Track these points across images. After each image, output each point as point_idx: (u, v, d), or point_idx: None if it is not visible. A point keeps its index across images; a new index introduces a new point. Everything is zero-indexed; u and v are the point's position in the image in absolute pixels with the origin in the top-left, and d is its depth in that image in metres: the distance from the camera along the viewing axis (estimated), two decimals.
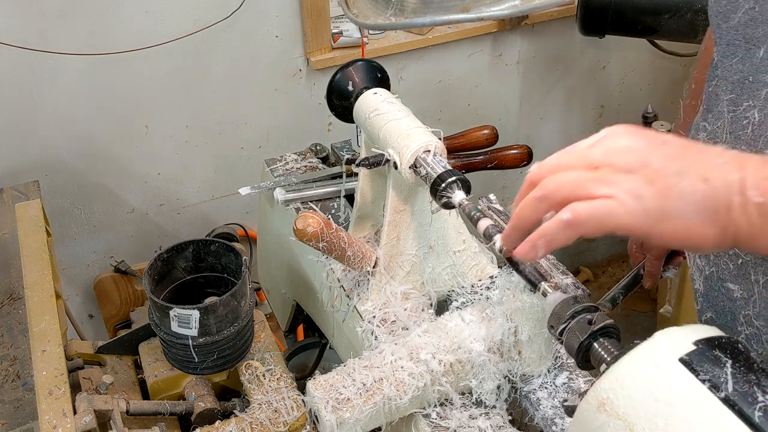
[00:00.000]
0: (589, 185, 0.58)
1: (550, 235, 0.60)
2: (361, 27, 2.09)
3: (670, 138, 0.60)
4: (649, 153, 0.58)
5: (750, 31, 0.72)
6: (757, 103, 0.72)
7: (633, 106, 2.84)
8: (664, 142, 0.59)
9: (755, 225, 0.55)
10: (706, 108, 0.81)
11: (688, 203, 0.57)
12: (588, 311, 0.67)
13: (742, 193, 0.55)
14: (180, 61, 2.07)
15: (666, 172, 0.57)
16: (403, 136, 0.96)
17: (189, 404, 1.06)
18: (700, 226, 0.57)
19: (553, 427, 0.90)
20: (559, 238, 0.60)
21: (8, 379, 1.08)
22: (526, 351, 0.89)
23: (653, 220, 0.57)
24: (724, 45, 0.76)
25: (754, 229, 0.55)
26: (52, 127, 2.00)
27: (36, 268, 1.19)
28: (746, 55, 0.73)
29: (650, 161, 0.58)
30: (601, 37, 1.91)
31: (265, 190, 1.37)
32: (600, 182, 0.58)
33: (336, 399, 0.86)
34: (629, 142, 0.59)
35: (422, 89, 2.49)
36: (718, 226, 0.56)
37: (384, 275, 1.06)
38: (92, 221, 2.21)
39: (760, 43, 0.71)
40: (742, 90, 0.74)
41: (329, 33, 2.23)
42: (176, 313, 0.99)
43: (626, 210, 0.57)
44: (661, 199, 0.57)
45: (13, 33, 1.82)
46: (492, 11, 1.24)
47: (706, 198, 0.56)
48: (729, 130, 0.76)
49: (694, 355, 0.53)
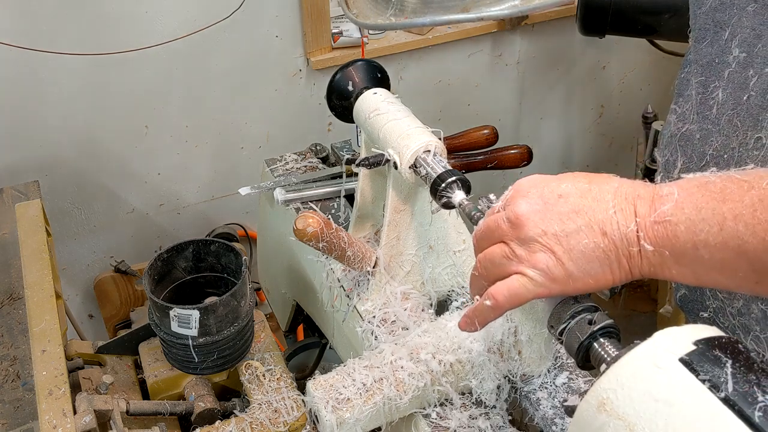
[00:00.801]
0: (501, 264, 0.64)
1: (482, 316, 0.68)
2: (361, 27, 2.09)
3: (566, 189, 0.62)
4: (546, 217, 0.61)
5: (719, 15, 0.76)
6: (721, 84, 0.75)
7: (633, 106, 2.84)
8: (560, 197, 0.62)
9: (655, 265, 0.58)
10: (677, 93, 0.85)
11: (591, 260, 0.60)
12: (588, 311, 0.67)
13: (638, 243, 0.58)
14: (180, 61, 2.07)
15: (564, 234, 0.60)
16: (403, 136, 0.96)
17: (189, 404, 1.06)
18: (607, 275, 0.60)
19: (553, 427, 0.90)
20: (491, 316, 0.67)
21: (8, 379, 1.08)
22: (526, 351, 0.89)
23: (562, 284, 0.61)
24: (698, 30, 0.79)
25: (655, 269, 0.59)
26: (52, 127, 2.00)
27: (36, 268, 1.19)
28: (714, 38, 0.76)
29: (548, 226, 0.61)
30: (601, 37, 1.91)
31: (265, 190, 1.37)
32: (510, 260, 0.64)
33: (336, 399, 0.86)
34: (524, 207, 0.63)
35: (422, 89, 2.49)
36: (623, 271, 0.60)
37: (384, 275, 1.06)
38: (92, 221, 2.21)
39: (726, 25, 0.75)
40: (710, 72, 0.77)
41: (329, 33, 2.23)
42: (176, 313, 0.99)
43: (535, 284, 0.62)
44: (566, 263, 0.60)
45: (13, 33, 1.82)
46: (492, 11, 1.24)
47: (607, 252, 0.59)
48: (697, 111, 0.79)
49: (694, 355, 0.53)
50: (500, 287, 0.64)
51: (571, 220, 0.60)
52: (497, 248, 0.65)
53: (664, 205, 0.57)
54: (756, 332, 0.75)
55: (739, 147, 0.73)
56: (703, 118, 0.78)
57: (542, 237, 0.61)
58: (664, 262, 0.58)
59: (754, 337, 0.76)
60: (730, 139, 0.74)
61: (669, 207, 0.57)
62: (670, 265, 0.57)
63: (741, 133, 0.73)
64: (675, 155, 0.83)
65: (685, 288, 0.86)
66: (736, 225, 0.53)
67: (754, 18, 0.71)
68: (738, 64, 0.73)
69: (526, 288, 0.63)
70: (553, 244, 0.61)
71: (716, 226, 0.54)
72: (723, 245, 0.54)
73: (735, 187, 0.54)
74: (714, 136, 0.77)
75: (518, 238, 0.63)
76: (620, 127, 2.96)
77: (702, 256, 0.55)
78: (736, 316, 0.78)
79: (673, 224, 0.56)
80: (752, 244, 0.52)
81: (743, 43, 0.72)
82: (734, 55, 0.73)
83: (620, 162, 3.01)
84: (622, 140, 2.98)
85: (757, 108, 0.70)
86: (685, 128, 0.82)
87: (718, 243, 0.54)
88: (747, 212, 0.52)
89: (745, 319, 0.77)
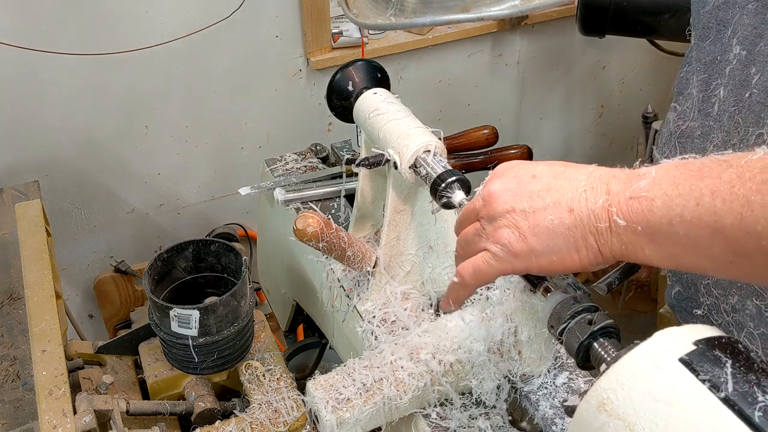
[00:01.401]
0: (473, 241, 0.65)
1: (454, 294, 0.69)
2: (361, 27, 2.09)
3: (541, 170, 0.63)
4: (516, 194, 0.62)
5: (722, 13, 0.76)
6: (722, 81, 0.76)
7: (633, 106, 2.84)
8: (534, 177, 0.62)
9: (628, 243, 0.57)
10: (677, 91, 0.85)
11: (556, 237, 0.59)
12: (588, 311, 0.67)
13: (608, 218, 0.57)
14: (180, 61, 2.07)
15: (533, 210, 0.60)
16: (403, 136, 0.96)
17: (189, 404, 1.06)
18: (573, 253, 0.60)
19: (553, 427, 0.90)
20: (461, 294, 0.68)
21: (8, 379, 1.08)
22: (526, 351, 0.89)
23: (524, 260, 0.61)
24: (701, 28, 0.80)
25: (627, 247, 0.57)
26: (52, 127, 2.00)
27: (36, 268, 1.19)
28: (717, 36, 0.77)
29: (516, 203, 0.61)
30: (601, 37, 1.91)
31: (265, 190, 1.37)
32: (478, 236, 0.64)
33: (336, 399, 0.86)
34: (497, 186, 0.64)
35: (422, 89, 2.49)
36: (590, 250, 0.59)
37: (384, 275, 1.06)
38: (92, 221, 2.21)
39: (728, 24, 0.75)
40: (713, 70, 0.78)
41: (329, 33, 2.23)
42: (176, 313, 0.99)
43: (497, 259, 0.62)
44: (529, 238, 0.60)
45: (13, 33, 1.82)
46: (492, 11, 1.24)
47: (572, 228, 0.59)
48: (698, 108, 0.80)
49: (694, 355, 0.53)
50: (466, 264, 0.66)
51: (540, 197, 0.60)
52: (471, 227, 0.66)
53: (641, 181, 0.56)
54: (750, 329, 0.75)
55: (740, 143, 0.73)
56: (705, 116, 0.78)
57: (510, 213, 0.61)
58: (637, 240, 0.56)
59: (747, 334, 0.76)
60: (731, 136, 0.75)
61: (646, 183, 0.56)
62: (643, 244, 0.56)
63: (742, 130, 0.73)
64: (674, 153, 0.84)
65: (680, 285, 0.86)
66: (713, 200, 0.52)
67: (755, 16, 0.71)
68: (739, 61, 0.73)
69: (488, 264, 0.63)
70: (519, 220, 0.61)
71: (693, 201, 0.53)
72: (699, 221, 0.52)
73: (714, 165, 0.53)
74: (715, 133, 0.77)
75: (488, 215, 0.63)
76: (620, 127, 2.96)
77: (677, 233, 0.54)
78: (730, 312, 0.78)
79: (649, 199, 0.55)
80: (729, 220, 0.51)
81: (744, 40, 0.72)
82: (735, 53, 0.74)
83: (620, 162, 2.97)
84: (622, 140, 2.98)
85: (758, 105, 0.71)
86: (685, 126, 0.82)
87: (694, 218, 0.53)
88: (725, 188, 0.51)
89: (739, 315, 0.77)
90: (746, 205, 0.50)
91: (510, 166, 0.66)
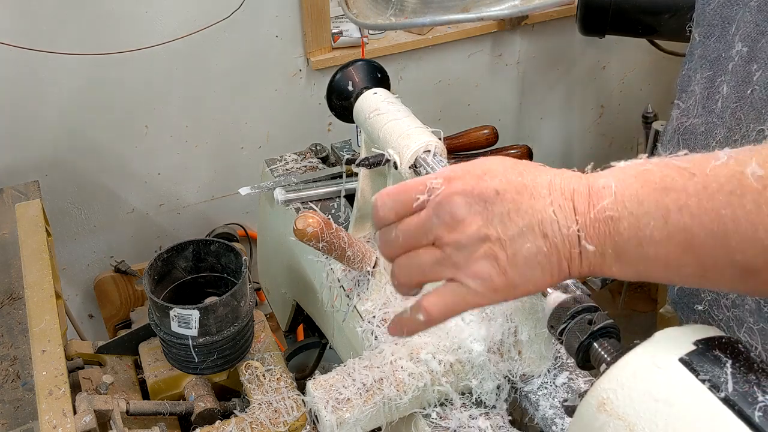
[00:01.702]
0: (435, 270, 0.57)
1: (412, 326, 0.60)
2: (361, 27, 2.09)
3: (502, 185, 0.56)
4: (486, 219, 0.55)
5: (726, 11, 0.76)
6: (725, 78, 0.76)
7: (633, 106, 2.84)
8: (497, 194, 0.55)
9: (594, 265, 0.55)
10: (680, 89, 0.85)
11: (533, 266, 0.55)
12: (588, 311, 0.67)
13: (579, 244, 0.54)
14: (180, 61, 2.07)
15: (507, 238, 0.55)
16: (403, 136, 0.96)
17: (189, 404, 1.06)
18: (546, 279, 0.56)
19: (553, 427, 0.90)
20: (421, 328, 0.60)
21: (8, 379, 1.08)
22: (526, 351, 0.89)
23: (504, 294, 0.56)
24: (705, 26, 0.80)
25: (593, 268, 0.55)
26: (52, 127, 2.00)
27: (36, 268, 1.19)
28: (722, 34, 0.77)
29: (490, 231, 0.55)
30: (601, 37, 1.91)
31: (265, 190, 1.37)
32: (445, 266, 0.57)
33: (336, 399, 0.86)
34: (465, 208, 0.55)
35: (422, 89, 2.49)
36: (562, 274, 0.56)
37: (384, 275, 1.06)
38: (92, 221, 2.21)
39: (732, 21, 0.75)
40: (717, 67, 0.78)
41: (329, 33, 2.23)
42: (176, 313, 0.99)
43: (475, 294, 0.56)
44: (509, 271, 0.55)
45: (13, 33, 1.82)
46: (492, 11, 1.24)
47: (549, 256, 0.55)
48: (702, 105, 0.79)
49: (694, 355, 0.53)
50: (433, 300, 0.58)
51: (513, 221, 0.55)
52: (427, 253, 0.58)
53: (603, 199, 0.53)
54: (749, 324, 0.76)
55: (742, 140, 0.73)
56: (709, 112, 0.79)
57: (485, 243, 0.55)
58: (605, 262, 0.54)
59: (747, 329, 0.76)
60: (733, 132, 0.75)
61: (608, 201, 0.52)
62: (610, 263, 0.54)
63: (744, 126, 0.73)
64: (677, 150, 0.84)
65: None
66: (681, 217, 0.49)
67: (757, 13, 0.72)
68: (741, 58, 0.74)
69: (464, 300, 0.57)
70: (496, 250, 0.55)
71: (660, 220, 0.50)
72: (668, 239, 0.50)
73: (676, 175, 0.50)
74: (718, 129, 0.77)
75: (456, 242, 0.56)
76: (620, 127, 2.96)
77: (646, 253, 0.51)
78: (730, 308, 0.78)
79: (615, 220, 0.52)
80: (699, 236, 0.49)
81: (746, 38, 0.73)
82: (737, 49, 0.74)
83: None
84: (622, 140, 2.98)
85: (760, 101, 0.71)
86: (689, 122, 0.82)
87: (663, 238, 0.50)
88: (692, 202, 0.49)
89: (738, 310, 0.77)
90: (716, 219, 0.48)
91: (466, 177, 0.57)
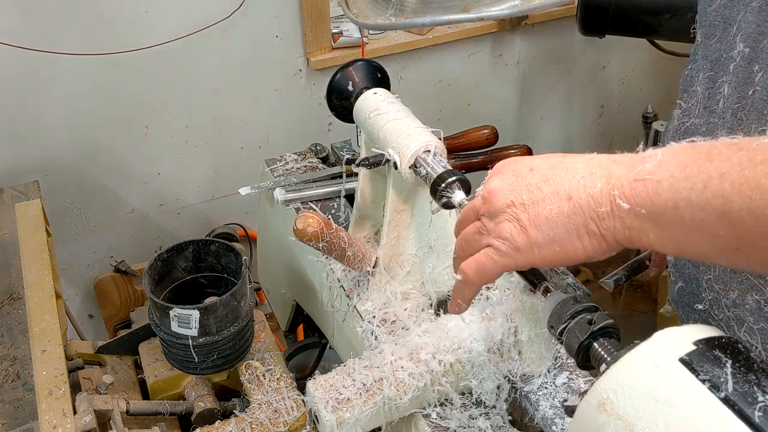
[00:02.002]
0: (474, 240, 0.64)
1: (459, 293, 0.67)
2: (361, 27, 2.09)
3: (538, 163, 0.62)
4: (515, 189, 0.61)
5: (727, 11, 0.76)
6: (727, 78, 0.76)
7: (633, 106, 2.84)
8: (531, 170, 0.62)
9: (631, 227, 0.56)
10: (682, 88, 0.85)
11: (556, 226, 0.59)
12: (588, 311, 0.67)
13: (610, 202, 0.56)
14: (180, 61, 2.07)
15: (532, 202, 0.60)
16: (403, 136, 0.96)
17: (189, 404, 1.07)
18: (575, 242, 0.59)
19: (553, 427, 0.90)
20: (467, 293, 0.67)
21: (8, 379, 1.08)
22: (526, 351, 0.89)
23: (527, 253, 0.60)
24: (707, 26, 0.80)
25: (631, 232, 0.56)
26: (52, 127, 2.00)
27: (36, 268, 1.19)
28: (723, 34, 0.77)
29: (514, 197, 0.61)
30: (601, 37, 1.91)
31: (265, 190, 1.37)
32: (479, 233, 0.64)
33: (336, 399, 0.86)
34: (497, 183, 0.63)
35: (422, 89, 2.49)
36: (593, 237, 0.58)
37: (384, 275, 1.06)
38: (92, 221, 2.21)
39: (733, 21, 0.75)
40: (718, 68, 0.78)
41: (329, 33, 2.23)
42: (176, 313, 0.99)
43: (501, 254, 0.61)
44: (530, 230, 0.60)
45: (13, 33, 1.82)
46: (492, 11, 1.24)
47: (572, 216, 0.58)
48: (703, 105, 0.80)
49: (694, 355, 0.53)
50: (469, 261, 0.65)
51: (539, 189, 0.60)
52: (471, 226, 0.65)
53: (646, 164, 0.55)
54: (750, 323, 0.76)
55: None
56: (710, 113, 0.79)
57: (510, 208, 0.61)
58: (641, 225, 0.55)
59: (747, 329, 0.76)
60: (735, 132, 0.75)
61: (651, 165, 0.55)
62: (647, 229, 0.55)
63: (746, 126, 0.73)
64: None
65: (682, 281, 0.86)
66: (721, 183, 0.50)
67: (758, 14, 0.71)
68: (743, 58, 0.73)
69: (491, 259, 0.62)
70: (519, 213, 0.60)
71: (700, 184, 0.51)
72: (706, 204, 0.51)
73: (723, 148, 0.52)
74: (719, 130, 0.77)
75: (488, 212, 0.63)
76: (620, 127, 2.96)
77: (682, 216, 0.52)
78: (730, 307, 0.78)
79: (655, 182, 0.54)
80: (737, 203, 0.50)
81: (748, 38, 0.73)
82: (739, 50, 0.74)
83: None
84: (622, 140, 2.98)
85: (762, 102, 0.71)
86: (690, 122, 0.82)
87: (701, 202, 0.51)
88: (734, 171, 0.50)
89: (739, 310, 0.77)
90: (756, 188, 0.49)
91: (507, 162, 0.65)
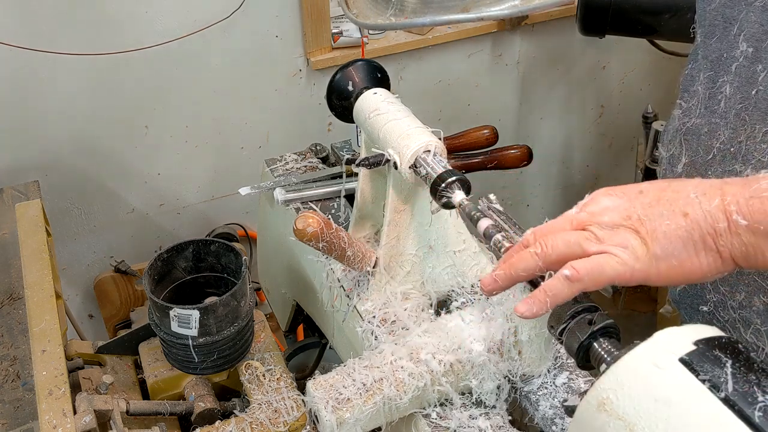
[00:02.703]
0: (582, 243, 0.64)
1: (554, 291, 0.65)
2: (361, 27, 2.09)
3: (646, 186, 0.64)
4: (630, 206, 0.63)
5: (728, 11, 0.77)
6: (728, 78, 0.76)
7: (633, 106, 2.84)
8: (641, 192, 0.64)
9: (749, 244, 0.58)
10: (683, 88, 0.86)
11: (674, 240, 0.60)
12: (588, 311, 0.67)
13: (727, 218, 0.58)
14: (180, 61, 2.07)
15: (648, 218, 0.62)
16: (403, 136, 0.96)
17: (189, 404, 1.06)
18: (693, 258, 0.60)
19: (553, 427, 0.90)
20: (562, 293, 0.65)
21: (8, 379, 1.08)
22: (526, 351, 0.89)
23: (646, 265, 0.61)
24: (707, 26, 0.80)
25: (748, 248, 0.58)
26: (52, 127, 2.00)
27: (36, 268, 1.19)
28: (723, 34, 0.77)
29: (631, 213, 0.63)
30: (601, 37, 1.91)
31: (265, 190, 1.37)
32: (591, 240, 0.64)
33: (336, 399, 0.86)
34: (609, 201, 0.65)
35: (422, 89, 2.49)
36: (710, 254, 0.60)
37: (384, 275, 1.06)
38: (92, 221, 2.21)
39: (734, 21, 0.76)
40: (719, 67, 0.78)
41: (329, 33, 2.23)
42: (176, 313, 0.99)
43: (619, 261, 0.62)
44: (649, 243, 0.61)
45: (13, 33, 1.82)
46: (492, 11, 1.24)
47: (689, 231, 0.60)
48: (704, 105, 0.80)
49: (694, 355, 0.53)
50: (583, 261, 0.63)
51: (653, 207, 0.62)
52: (575, 232, 0.65)
53: (761, 182, 0.57)
54: (756, 325, 0.76)
55: (747, 140, 0.73)
56: (711, 113, 0.79)
57: (627, 221, 0.62)
58: (759, 242, 0.57)
59: (754, 330, 0.76)
60: (737, 133, 0.75)
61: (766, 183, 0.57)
62: (764, 246, 0.57)
63: (749, 127, 0.73)
64: (679, 149, 0.84)
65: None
66: None
67: (762, 13, 0.71)
68: (746, 58, 0.73)
69: (610, 265, 0.62)
70: (637, 226, 0.62)
71: None
72: None
73: None
74: (721, 130, 0.77)
75: (602, 222, 0.64)
76: (620, 127, 2.96)
77: None
78: (737, 309, 0.78)
79: None
80: None
81: (751, 38, 0.73)
82: (742, 50, 0.74)
83: (620, 162, 3.01)
84: (622, 140, 2.98)
85: (765, 102, 0.71)
86: (691, 123, 0.82)
87: None
88: None
89: (746, 312, 0.77)
90: None
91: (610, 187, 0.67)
